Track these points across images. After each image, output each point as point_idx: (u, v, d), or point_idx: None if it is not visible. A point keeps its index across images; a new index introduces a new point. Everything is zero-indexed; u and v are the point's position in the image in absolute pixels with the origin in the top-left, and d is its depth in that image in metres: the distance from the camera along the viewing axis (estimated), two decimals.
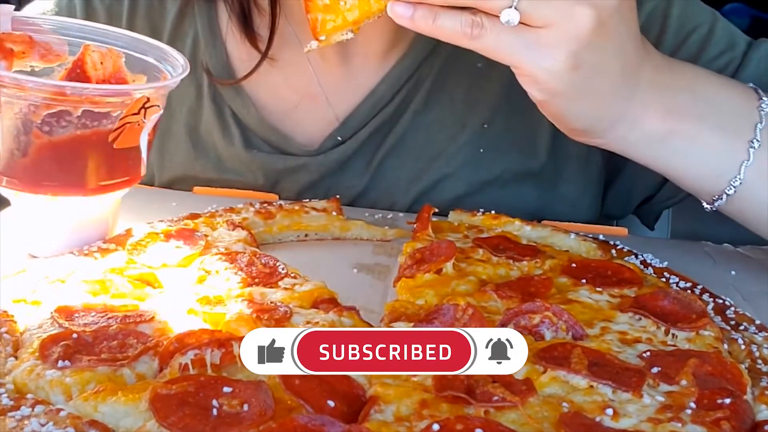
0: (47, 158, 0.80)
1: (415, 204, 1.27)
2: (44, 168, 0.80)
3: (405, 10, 0.85)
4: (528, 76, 0.89)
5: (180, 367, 0.72)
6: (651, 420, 0.69)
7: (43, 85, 0.77)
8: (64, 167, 0.82)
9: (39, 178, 0.82)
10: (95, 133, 0.80)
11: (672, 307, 0.88)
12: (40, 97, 0.77)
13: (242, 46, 1.27)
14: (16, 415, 0.66)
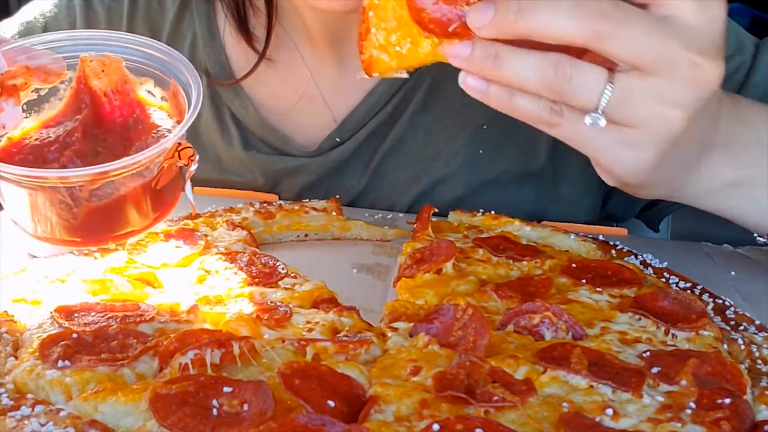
0: (100, 219, 0.81)
1: (414, 205, 1.27)
2: (98, 227, 0.82)
3: (478, 84, 0.78)
4: (606, 168, 0.83)
5: (180, 367, 0.72)
6: (651, 420, 0.69)
7: (84, 174, 0.77)
8: (118, 220, 0.83)
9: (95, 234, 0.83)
10: (140, 186, 0.82)
11: (672, 307, 0.88)
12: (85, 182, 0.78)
13: (240, 48, 1.27)
14: (16, 414, 0.66)
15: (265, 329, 0.81)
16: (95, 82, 0.86)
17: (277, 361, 0.74)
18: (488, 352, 0.78)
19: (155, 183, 0.82)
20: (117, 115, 0.86)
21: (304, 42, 1.27)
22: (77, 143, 0.83)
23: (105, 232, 0.83)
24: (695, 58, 0.74)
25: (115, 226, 0.83)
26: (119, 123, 0.86)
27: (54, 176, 0.78)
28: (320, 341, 0.78)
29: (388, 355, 0.79)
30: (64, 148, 0.82)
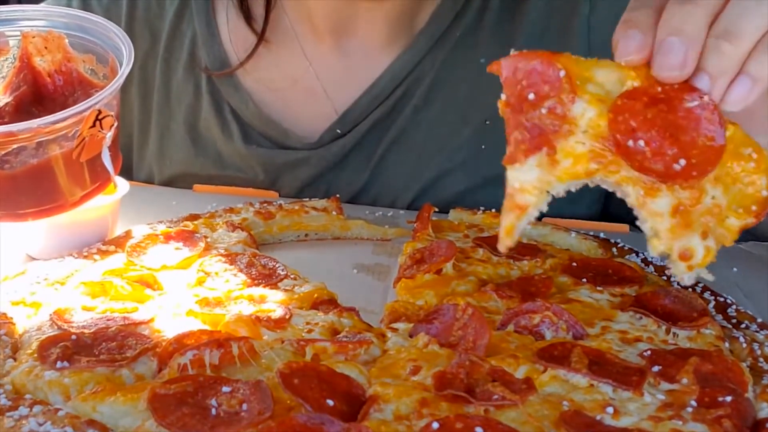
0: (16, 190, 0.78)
1: (416, 200, 1.27)
2: (15, 198, 0.79)
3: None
4: None
5: (179, 368, 0.72)
6: (652, 418, 0.69)
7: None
8: (36, 193, 0.80)
9: (14, 207, 0.80)
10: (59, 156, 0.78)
11: (673, 306, 0.88)
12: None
13: (240, 44, 1.28)
14: (14, 414, 0.66)
15: (264, 330, 0.81)
16: (39, 61, 0.84)
17: (276, 361, 0.74)
18: (488, 352, 0.78)
19: (76, 155, 0.79)
20: (59, 94, 0.85)
21: (305, 33, 1.27)
22: (7, 117, 0.81)
23: (23, 205, 0.80)
24: None
25: (34, 199, 0.80)
26: (59, 102, 0.84)
27: None
28: (320, 341, 0.78)
29: (387, 355, 0.79)
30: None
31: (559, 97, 0.69)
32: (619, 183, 0.69)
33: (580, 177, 0.69)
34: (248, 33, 1.27)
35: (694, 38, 0.67)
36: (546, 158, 0.70)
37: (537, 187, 0.71)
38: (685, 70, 0.68)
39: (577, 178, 0.69)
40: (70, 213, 0.99)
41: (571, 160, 0.69)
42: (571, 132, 0.69)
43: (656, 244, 0.69)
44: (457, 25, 1.25)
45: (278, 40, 1.27)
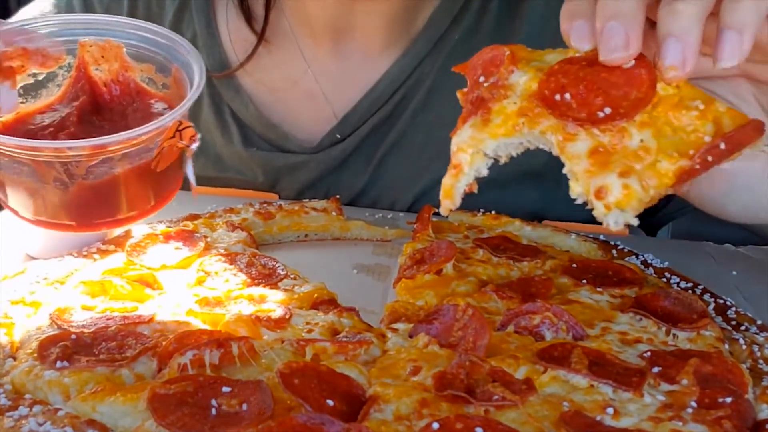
0: (96, 200, 0.79)
1: (415, 203, 1.27)
2: (93, 209, 0.79)
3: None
4: None
5: (179, 367, 0.72)
6: (652, 419, 0.69)
7: (82, 146, 0.75)
8: (114, 202, 0.80)
9: (92, 217, 0.80)
10: (139, 167, 0.79)
11: (673, 307, 0.88)
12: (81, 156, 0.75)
13: (240, 46, 1.28)
14: (14, 414, 0.66)
15: (264, 330, 0.81)
16: (95, 71, 0.84)
17: (276, 361, 0.74)
18: (488, 353, 0.78)
19: (155, 165, 0.80)
20: (116, 104, 0.85)
21: (304, 35, 1.27)
22: (72, 127, 0.81)
23: (101, 216, 0.80)
24: None
25: (112, 209, 0.80)
26: (118, 112, 0.84)
27: (50, 147, 0.74)
28: (319, 341, 0.78)
29: (387, 355, 0.79)
30: (59, 132, 0.80)
31: (500, 70, 0.72)
32: (543, 132, 0.70)
33: (510, 133, 0.71)
34: (248, 34, 1.27)
35: (631, 17, 0.68)
36: (480, 119, 0.72)
37: (470, 145, 0.72)
38: (631, 50, 0.68)
39: (507, 135, 0.71)
40: None
41: (502, 118, 0.71)
42: (506, 96, 0.72)
43: (574, 185, 0.70)
44: (456, 28, 1.25)
45: (278, 42, 1.27)
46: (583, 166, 0.68)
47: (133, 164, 0.78)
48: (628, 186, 0.66)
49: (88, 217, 0.80)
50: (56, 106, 0.84)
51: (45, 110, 0.84)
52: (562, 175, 1.30)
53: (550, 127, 0.70)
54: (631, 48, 0.68)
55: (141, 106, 0.85)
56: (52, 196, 0.77)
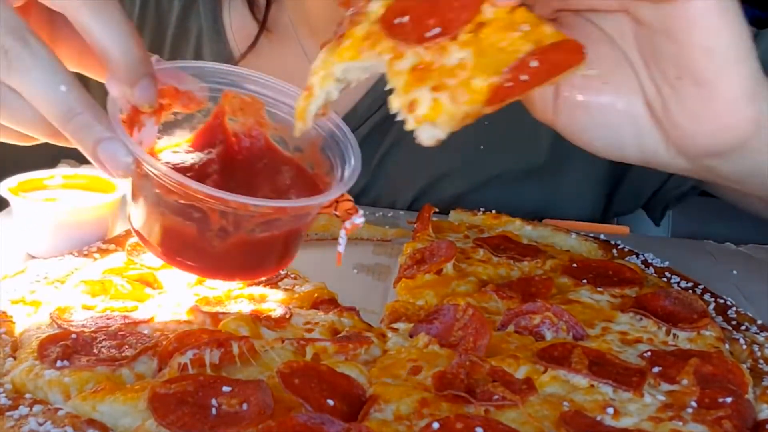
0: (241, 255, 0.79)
1: (416, 201, 1.27)
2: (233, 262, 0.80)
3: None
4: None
5: (179, 367, 0.72)
6: (652, 419, 0.69)
7: (267, 206, 0.75)
8: (259, 258, 0.81)
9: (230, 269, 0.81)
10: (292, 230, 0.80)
11: (673, 307, 0.88)
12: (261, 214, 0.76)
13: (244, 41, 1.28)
14: (14, 414, 0.65)
15: (264, 329, 0.81)
16: (229, 120, 0.85)
17: (277, 361, 0.74)
18: (489, 353, 0.78)
19: (305, 228, 0.82)
20: (244, 156, 0.85)
21: (305, 33, 1.27)
22: (215, 174, 0.82)
23: (235, 269, 0.81)
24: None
25: (249, 266, 0.81)
26: (244, 166, 0.85)
27: (237, 201, 0.73)
28: (320, 341, 0.78)
29: (388, 355, 0.79)
30: (203, 177, 0.81)
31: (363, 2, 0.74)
32: (380, 53, 0.71)
33: (355, 56, 0.72)
34: (252, 30, 1.27)
35: None
36: (334, 44, 0.74)
37: (321, 68, 0.74)
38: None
39: (353, 58, 0.72)
40: (71, 211, 1.00)
41: (351, 41, 0.73)
42: (359, 22, 0.73)
43: (393, 99, 0.70)
44: None
45: (280, 38, 1.28)
46: (403, 80, 0.69)
47: (291, 227, 0.79)
48: (437, 100, 0.67)
49: (221, 268, 0.81)
50: (186, 148, 0.84)
51: (177, 150, 0.84)
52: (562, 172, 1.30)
53: (386, 48, 0.71)
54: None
55: (270, 163, 0.85)
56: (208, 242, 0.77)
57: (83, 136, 0.73)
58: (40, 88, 0.72)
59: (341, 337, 0.82)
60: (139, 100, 0.76)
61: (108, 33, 0.73)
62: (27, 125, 0.75)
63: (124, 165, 0.73)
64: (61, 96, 0.72)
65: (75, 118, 0.73)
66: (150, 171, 0.74)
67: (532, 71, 0.66)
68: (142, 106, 0.77)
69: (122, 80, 0.75)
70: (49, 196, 1.04)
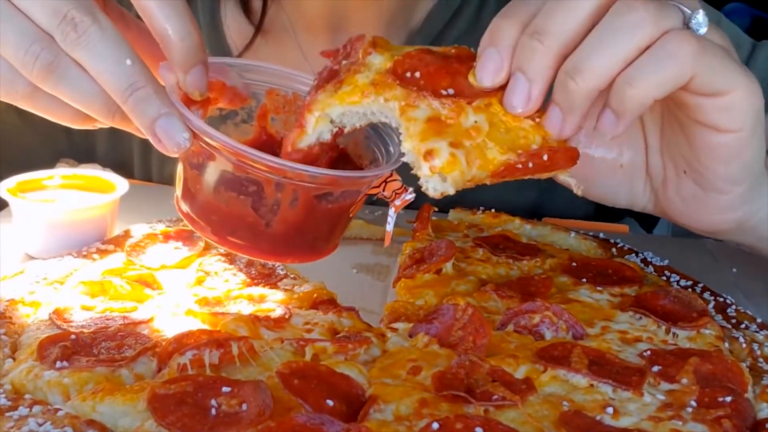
0: (297, 231, 0.79)
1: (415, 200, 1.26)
2: (291, 240, 0.80)
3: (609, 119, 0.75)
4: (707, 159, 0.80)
5: (178, 368, 0.72)
6: (652, 418, 0.69)
7: (322, 174, 0.76)
8: (309, 238, 0.81)
9: (284, 248, 0.81)
10: (342, 206, 0.80)
11: (673, 306, 0.88)
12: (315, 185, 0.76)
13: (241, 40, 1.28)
14: (14, 415, 0.65)
15: (264, 330, 0.81)
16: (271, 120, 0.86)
17: (276, 361, 0.74)
18: (488, 352, 0.78)
19: (352, 209, 0.82)
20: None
21: (302, 31, 1.27)
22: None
23: (291, 249, 0.81)
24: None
25: (302, 244, 0.81)
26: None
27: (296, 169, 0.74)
28: (319, 341, 0.77)
29: (387, 355, 0.79)
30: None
31: (359, 52, 0.77)
32: (387, 100, 0.74)
33: (357, 101, 0.75)
34: (249, 28, 1.27)
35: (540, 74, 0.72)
36: (332, 88, 0.76)
37: (318, 108, 0.76)
38: (530, 107, 0.73)
39: (354, 103, 0.75)
40: (69, 212, 1.00)
41: (352, 87, 0.75)
42: (360, 71, 0.75)
43: (405, 143, 0.73)
44: (454, 25, 1.25)
45: (276, 36, 1.27)
46: (419, 128, 0.72)
47: (342, 203, 0.79)
48: (455, 155, 0.71)
49: (281, 248, 0.81)
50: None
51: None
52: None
53: (395, 95, 0.73)
54: (530, 107, 0.73)
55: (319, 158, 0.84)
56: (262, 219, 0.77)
57: (143, 109, 0.74)
58: (106, 61, 0.73)
59: (341, 338, 0.81)
60: (191, 87, 0.78)
61: (169, 16, 0.75)
62: (86, 101, 0.76)
63: (181, 140, 0.74)
64: (125, 69, 0.74)
65: (137, 92, 0.74)
66: (210, 141, 0.74)
67: (539, 163, 0.73)
68: (193, 94, 0.78)
69: (178, 65, 0.76)
70: (48, 196, 1.04)
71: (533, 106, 0.74)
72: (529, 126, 0.74)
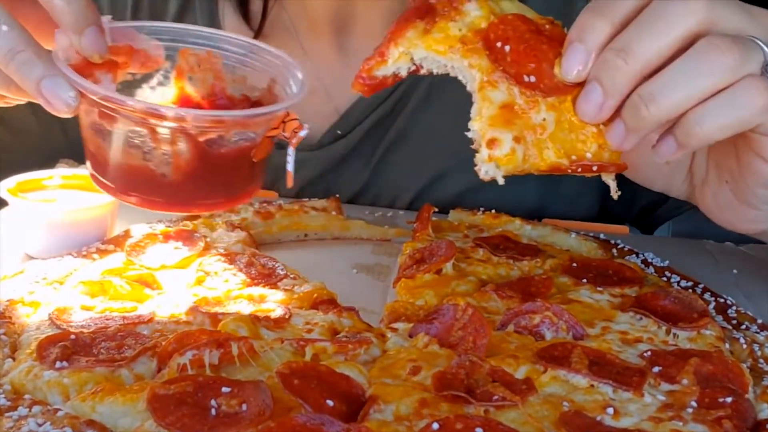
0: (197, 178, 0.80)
1: (416, 200, 1.27)
2: (192, 187, 0.80)
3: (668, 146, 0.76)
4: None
5: (178, 368, 0.72)
6: (652, 419, 0.69)
7: (203, 116, 0.78)
8: (211, 184, 0.82)
9: (187, 197, 0.82)
10: (240, 149, 0.81)
11: (673, 306, 0.88)
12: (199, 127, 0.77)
13: None
14: (14, 415, 0.65)
15: (264, 330, 0.81)
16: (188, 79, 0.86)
17: (276, 361, 0.74)
18: (488, 352, 0.77)
19: (254, 153, 0.82)
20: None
21: (306, 31, 1.27)
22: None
23: (196, 196, 0.82)
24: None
25: (206, 191, 0.82)
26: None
27: (172, 114, 0.76)
28: (319, 341, 0.77)
29: (387, 355, 0.79)
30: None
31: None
32: (471, 66, 0.76)
33: (443, 53, 0.76)
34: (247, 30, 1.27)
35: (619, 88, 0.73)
36: (423, 27, 0.77)
37: (404, 45, 0.77)
38: (599, 118, 0.74)
39: (439, 52, 0.76)
40: (69, 212, 1.00)
41: (442, 36, 0.76)
42: (453, 19, 0.76)
43: (474, 122, 0.77)
44: None
45: (277, 38, 1.27)
46: (492, 112, 0.75)
47: (238, 147, 0.80)
48: (514, 150, 0.74)
49: (180, 197, 0.82)
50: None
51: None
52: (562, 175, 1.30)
53: (480, 66, 0.76)
54: (600, 116, 0.74)
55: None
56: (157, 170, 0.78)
57: (26, 73, 0.76)
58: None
59: (341, 338, 0.81)
60: (87, 49, 0.78)
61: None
62: None
63: (68, 99, 0.76)
64: (3, 35, 0.75)
65: (17, 56, 0.75)
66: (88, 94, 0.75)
67: (587, 170, 0.76)
68: (92, 56, 0.79)
69: (69, 27, 0.77)
70: (48, 196, 1.04)
71: (602, 118, 0.75)
72: (591, 132, 0.75)
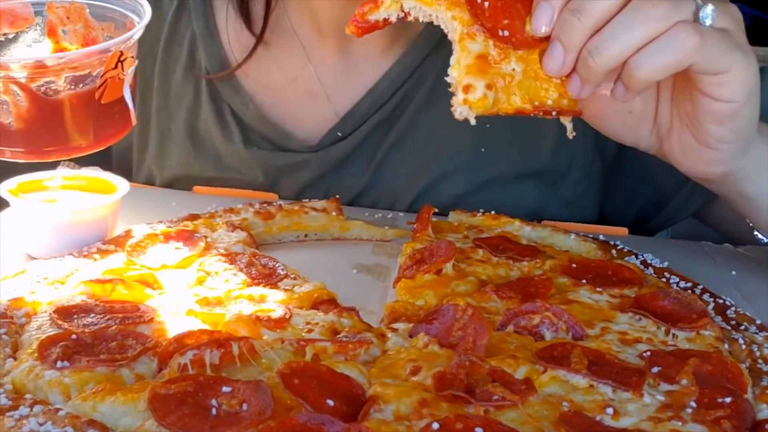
0: (42, 125, 0.83)
1: (416, 202, 1.27)
2: (41, 134, 0.83)
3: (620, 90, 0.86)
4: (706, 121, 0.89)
5: (179, 367, 0.72)
6: (651, 419, 0.69)
7: (23, 63, 0.80)
8: (60, 130, 0.84)
9: (39, 144, 0.84)
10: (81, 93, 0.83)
11: (672, 307, 0.88)
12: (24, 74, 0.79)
13: (240, 45, 1.27)
14: (15, 414, 0.66)
15: (264, 330, 0.81)
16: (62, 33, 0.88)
17: (277, 361, 0.74)
18: (488, 353, 0.78)
19: (99, 94, 0.84)
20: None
21: (307, 33, 1.27)
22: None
23: (47, 142, 0.84)
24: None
25: (57, 137, 0.84)
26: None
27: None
28: (320, 341, 0.78)
29: (387, 355, 0.79)
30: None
31: None
32: (453, 18, 0.84)
33: (429, 3, 0.84)
34: (248, 33, 1.27)
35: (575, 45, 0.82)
36: None
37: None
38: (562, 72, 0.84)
39: (426, 3, 0.84)
40: (70, 213, 1.00)
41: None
42: None
43: (453, 70, 0.84)
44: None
45: (278, 41, 1.27)
46: (469, 61, 0.83)
47: (77, 91, 0.82)
48: (486, 96, 0.83)
49: (33, 144, 0.84)
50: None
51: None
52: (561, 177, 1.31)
53: (462, 18, 0.84)
54: (563, 71, 0.84)
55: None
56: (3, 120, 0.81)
57: None
58: None
59: (341, 338, 0.82)
60: None
61: None
62: None
63: None
64: None
65: None
66: None
67: (547, 114, 0.86)
68: None
69: None
70: (49, 197, 1.04)
71: (564, 72, 0.84)
72: (553, 83, 0.85)
